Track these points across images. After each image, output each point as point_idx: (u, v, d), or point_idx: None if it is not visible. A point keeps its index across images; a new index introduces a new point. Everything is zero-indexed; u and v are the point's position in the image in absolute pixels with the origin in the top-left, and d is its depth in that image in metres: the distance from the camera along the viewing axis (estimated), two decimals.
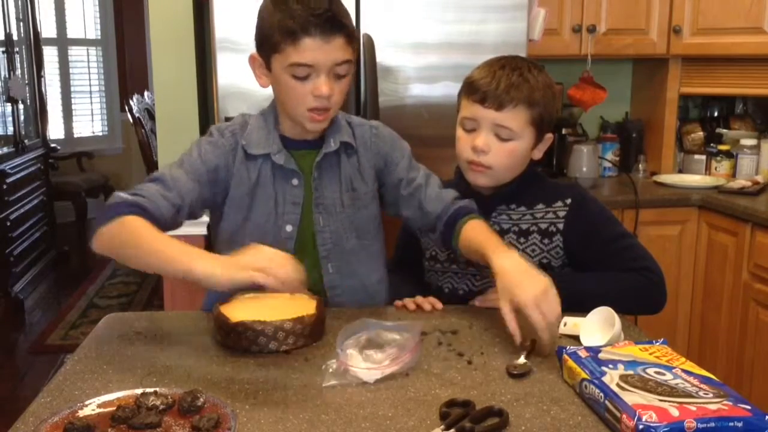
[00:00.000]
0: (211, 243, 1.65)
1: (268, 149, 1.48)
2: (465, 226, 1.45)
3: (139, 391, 1.05)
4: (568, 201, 1.56)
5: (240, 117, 1.55)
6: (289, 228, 1.49)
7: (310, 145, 1.50)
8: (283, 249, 1.39)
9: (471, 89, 1.51)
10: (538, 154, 1.57)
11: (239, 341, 1.26)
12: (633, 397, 0.98)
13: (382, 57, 2.25)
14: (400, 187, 1.55)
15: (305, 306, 1.33)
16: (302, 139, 1.50)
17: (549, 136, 1.56)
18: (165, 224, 1.37)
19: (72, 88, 6.54)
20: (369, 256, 1.56)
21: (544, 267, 1.54)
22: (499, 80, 1.47)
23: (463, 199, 1.54)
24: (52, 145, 5.27)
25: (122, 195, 1.36)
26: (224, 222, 1.52)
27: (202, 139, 1.51)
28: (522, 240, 1.56)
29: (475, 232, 1.42)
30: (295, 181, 1.49)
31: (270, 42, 1.38)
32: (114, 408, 1.01)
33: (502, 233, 1.56)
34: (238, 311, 1.31)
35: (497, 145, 1.50)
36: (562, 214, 1.55)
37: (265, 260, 1.20)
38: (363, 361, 1.15)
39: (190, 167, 1.45)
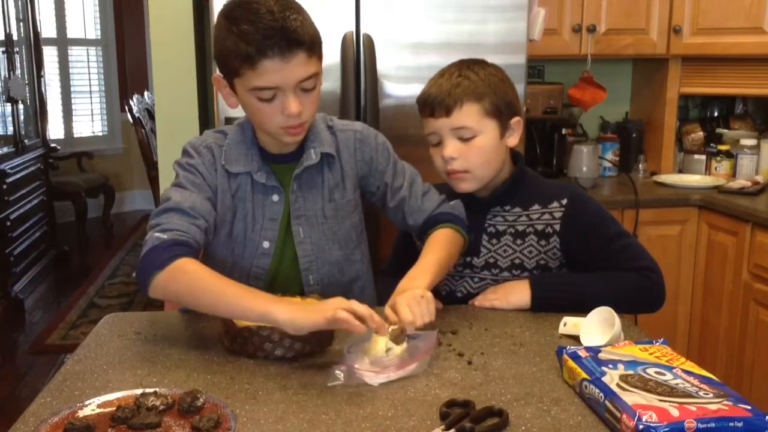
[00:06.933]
0: None
1: (249, 167, 1.45)
2: (429, 237, 1.48)
3: (139, 391, 1.05)
4: (564, 201, 1.55)
5: (211, 133, 1.50)
6: (266, 244, 1.47)
7: (290, 158, 1.47)
8: (260, 264, 1.46)
9: (421, 106, 1.54)
10: (513, 141, 1.56)
11: (245, 346, 1.25)
12: (633, 397, 0.98)
13: (382, 57, 2.24)
14: (387, 196, 1.55)
15: None
16: (281, 153, 1.47)
17: (517, 120, 1.55)
18: (200, 251, 1.37)
19: (72, 88, 6.54)
20: (350, 264, 1.55)
21: (542, 268, 1.54)
22: (439, 87, 1.50)
23: (449, 200, 1.55)
24: (52, 145, 5.27)
25: (161, 236, 1.31)
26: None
27: (182, 160, 1.46)
28: (518, 242, 1.55)
29: (427, 244, 1.46)
30: (275, 197, 1.46)
31: (229, 66, 1.33)
32: (114, 408, 1.01)
33: (497, 235, 1.56)
34: None
35: (464, 147, 1.50)
36: (558, 214, 1.54)
37: (336, 304, 1.18)
38: (370, 364, 1.16)
39: (195, 187, 1.41)
